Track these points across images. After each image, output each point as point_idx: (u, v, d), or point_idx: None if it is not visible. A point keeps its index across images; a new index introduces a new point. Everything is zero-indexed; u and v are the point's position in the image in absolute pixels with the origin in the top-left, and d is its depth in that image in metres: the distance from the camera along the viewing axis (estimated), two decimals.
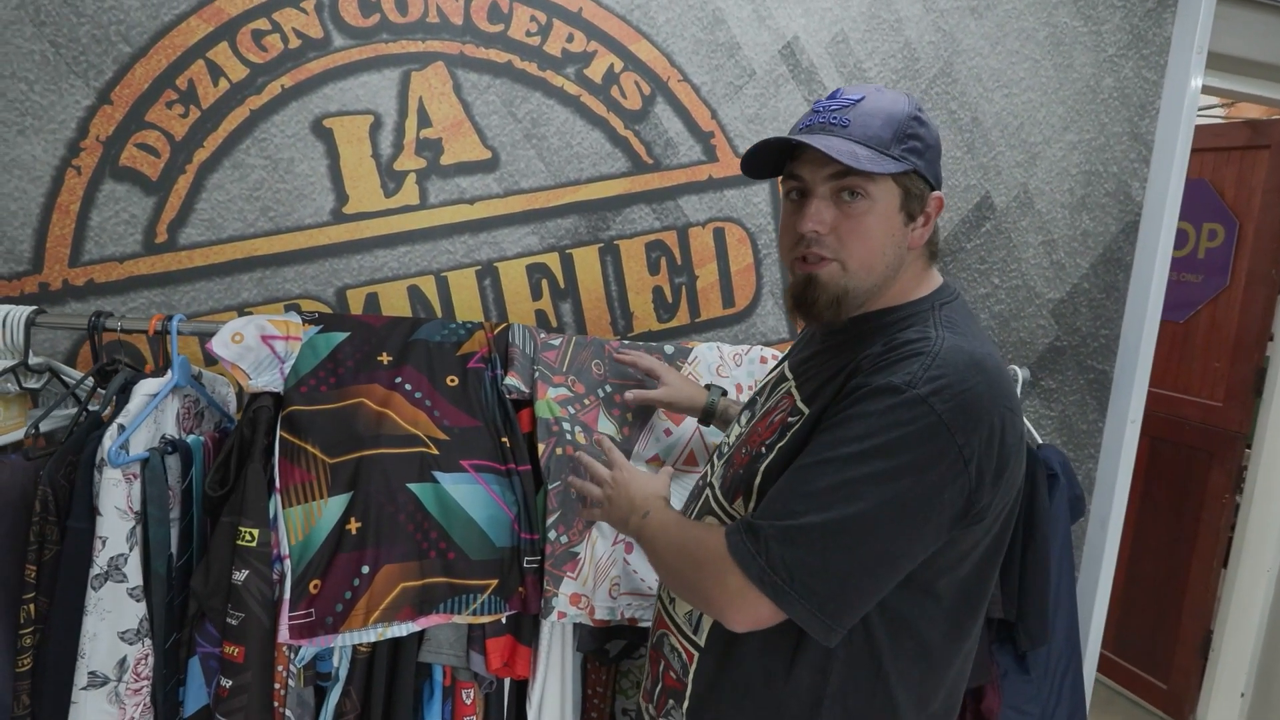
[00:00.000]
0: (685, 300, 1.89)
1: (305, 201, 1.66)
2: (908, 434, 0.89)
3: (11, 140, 1.52)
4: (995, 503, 0.95)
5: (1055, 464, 1.70)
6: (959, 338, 0.97)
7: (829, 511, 0.90)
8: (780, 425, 1.05)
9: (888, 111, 0.99)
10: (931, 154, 1.02)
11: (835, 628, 0.92)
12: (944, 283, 1.09)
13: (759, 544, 0.92)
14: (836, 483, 0.90)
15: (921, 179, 1.02)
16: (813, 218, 0.99)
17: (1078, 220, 2.09)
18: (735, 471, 1.09)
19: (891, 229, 1.00)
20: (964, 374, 0.91)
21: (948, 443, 0.89)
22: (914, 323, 1.01)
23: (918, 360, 0.93)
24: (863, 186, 0.98)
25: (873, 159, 0.96)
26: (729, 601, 0.94)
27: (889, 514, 0.90)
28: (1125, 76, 2.06)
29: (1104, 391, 2.20)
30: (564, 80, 1.74)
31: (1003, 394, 0.94)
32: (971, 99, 1.97)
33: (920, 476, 0.89)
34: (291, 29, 1.60)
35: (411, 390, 1.40)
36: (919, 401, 0.89)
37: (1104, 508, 2.22)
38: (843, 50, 1.88)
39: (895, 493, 0.89)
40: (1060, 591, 1.69)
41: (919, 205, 1.02)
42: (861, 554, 0.90)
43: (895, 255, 1.02)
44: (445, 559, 1.33)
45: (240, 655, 1.24)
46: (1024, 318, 2.10)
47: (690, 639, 1.09)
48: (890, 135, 0.98)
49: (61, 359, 1.57)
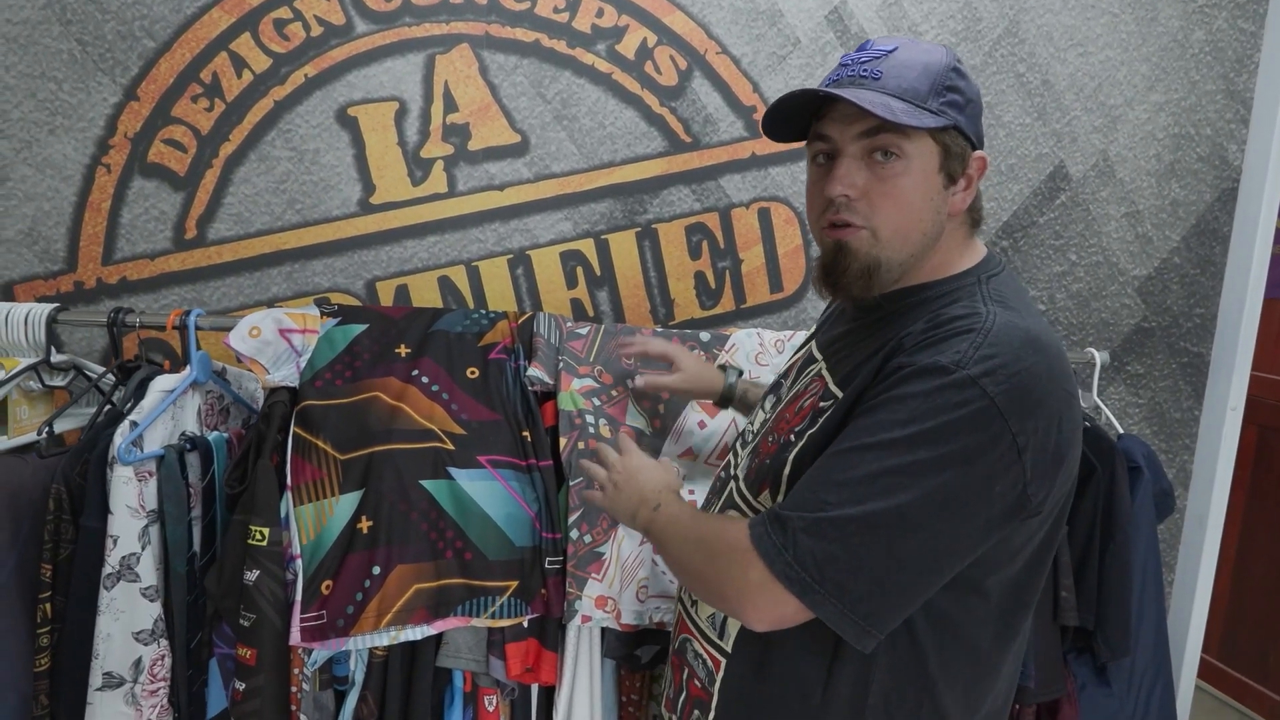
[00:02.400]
0: (729, 285, 1.79)
1: (332, 193, 1.62)
2: (957, 419, 0.78)
3: (43, 140, 1.53)
4: (1052, 495, 0.84)
5: (1138, 456, 1.54)
6: (1012, 313, 0.85)
7: (866, 504, 0.80)
8: (811, 410, 0.94)
9: (924, 62, 0.88)
10: (973, 109, 0.91)
11: (870, 630, 0.82)
12: (989, 253, 0.97)
13: (786, 536, 0.82)
14: (875, 471, 0.80)
15: (962, 136, 0.90)
16: (841, 180, 0.89)
17: (1166, 189, 1.90)
18: (761, 461, 0.99)
19: (930, 192, 0.89)
20: (1019, 353, 0.80)
21: (1001, 429, 0.78)
22: (959, 297, 0.90)
23: (967, 338, 0.82)
24: (897, 145, 0.87)
25: (909, 112, 0.85)
26: (749, 597, 0.85)
27: (933, 508, 0.79)
28: (1218, 29, 1.86)
29: (1200, 376, 2.00)
30: (594, 57, 1.66)
31: (1061, 375, 0.83)
32: (1041, 60, 1.81)
33: (969, 467, 0.79)
34: (313, 16, 1.57)
35: (428, 383, 1.35)
36: (969, 383, 0.78)
37: (1202, 503, 2.03)
38: (895, 13, 1.74)
39: (941, 484, 0.79)
40: (1145, 597, 1.53)
41: (960, 166, 0.91)
42: (901, 552, 0.80)
43: (934, 222, 0.91)
44: (462, 559, 1.27)
45: (253, 657, 1.20)
46: (1106, 296, 1.92)
47: (716, 644, 1.00)
48: (927, 87, 0.87)
49: (98, 357, 1.57)
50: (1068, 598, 1.46)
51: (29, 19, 1.49)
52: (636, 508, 1.04)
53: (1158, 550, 1.59)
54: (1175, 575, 2.07)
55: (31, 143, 1.52)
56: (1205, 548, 2.02)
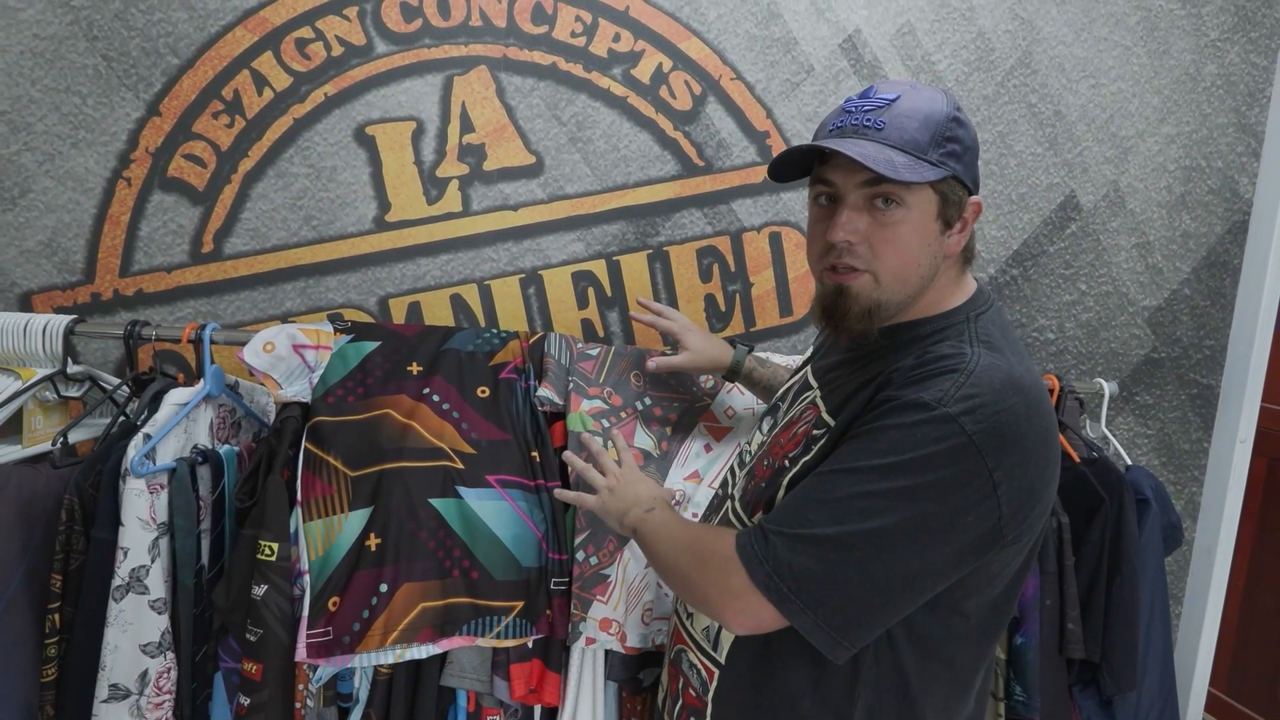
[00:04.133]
0: (740, 308, 1.80)
1: (348, 210, 1.64)
2: (934, 453, 0.82)
3: (66, 153, 1.55)
4: (1028, 529, 0.89)
5: (1146, 488, 1.54)
6: (995, 355, 0.89)
7: (844, 524, 0.84)
8: (805, 438, 0.99)
9: (925, 112, 0.92)
10: (970, 156, 0.95)
11: (842, 643, 0.87)
12: (978, 289, 1.01)
13: (767, 548, 0.88)
14: (854, 494, 0.85)
15: (960, 184, 0.94)
16: (844, 227, 0.92)
17: (1177, 220, 1.91)
18: (757, 484, 1.03)
19: (927, 238, 0.93)
20: (1000, 394, 0.84)
21: (977, 465, 0.82)
22: (948, 336, 0.94)
23: (950, 378, 0.86)
24: (898, 194, 0.91)
25: (910, 166, 0.89)
26: (729, 602, 0.90)
27: (906, 534, 0.84)
28: (1230, 62, 1.87)
29: (1209, 408, 2.00)
30: (610, 81, 1.68)
31: (1040, 415, 0.87)
32: (1054, 91, 1.82)
33: (944, 498, 0.83)
34: (334, 36, 1.59)
35: (439, 401, 1.35)
36: (949, 420, 0.82)
37: (1210, 536, 2.02)
38: (909, 42, 1.76)
39: (915, 512, 0.83)
40: (1152, 631, 1.52)
41: (956, 212, 0.95)
42: (874, 572, 0.85)
43: (930, 265, 0.95)
44: (469, 578, 1.27)
45: (258, 673, 1.20)
46: (1115, 326, 1.93)
47: (710, 656, 1.04)
48: (928, 139, 0.91)
49: (112, 368, 1.58)
50: (1074, 630, 1.45)
51: (56, 34, 1.51)
52: (628, 509, 1.10)
53: (1165, 583, 1.59)
54: (1183, 608, 2.06)
55: (55, 155, 1.54)
56: (1213, 580, 2.01)
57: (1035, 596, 1.43)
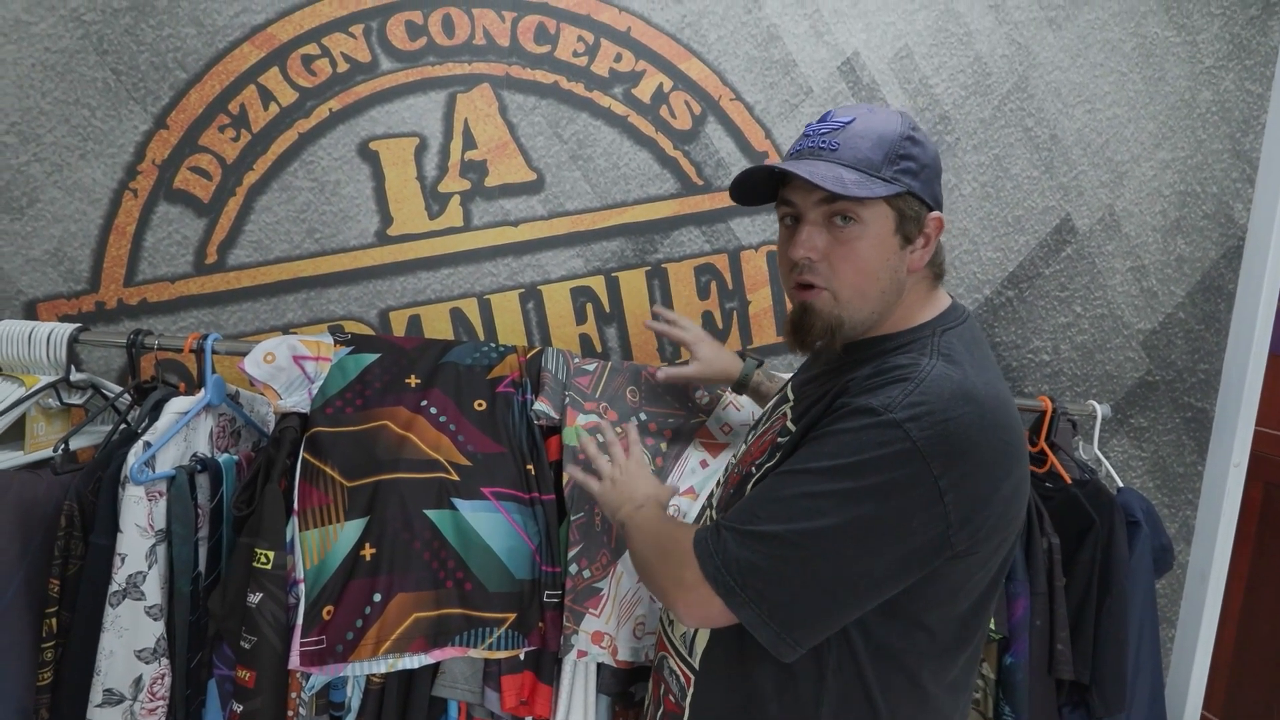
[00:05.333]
0: (736, 326, 1.81)
1: (350, 223, 1.66)
2: (878, 457, 0.85)
3: (74, 165, 1.57)
4: (988, 541, 0.90)
5: (1137, 510, 1.55)
6: (951, 366, 0.92)
7: (790, 523, 0.88)
8: (770, 445, 1.04)
9: (878, 133, 0.96)
10: (928, 173, 0.98)
11: (786, 639, 0.89)
12: (952, 304, 1.04)
13: (718, 542, 0.92)
14: (801, 494, 0.88)
15: (917, 200, 0.97)
16: (803, 244, 0.97)
17: (1171, 244, 1.92)
18: (726, 491, 1.08)
19: (886, 254, 0.97)
20: (948, 403, 0.86)
21: (920, 471, 0.84)
22: (910, 349, 0.97)
23: (900, 386, 0.89)
24: (854, 211, 0.95)
25: (860, 183, 0.93)
26: (681, 594, 0.94)
27: (849, 535, 0.86)
28: (1225, 89, 1.89)
29: (1204, 431, 2.01)
30: (611, 100, 1.70)
31: (997, 426, 0.88)
32: (1049, 115, 1.84)
33: (885, 501, 0.85)
34: (340, 53, 1.62)
35: (436, 414, 1.37)
36: (894, 425, 0.85)
37: (1204, 559, 2.02)
38: (907, 66, 1.78)
39: (858, 514, 0.86)
40: (1142, 653, 1.53)
41: (916, 227, 0.98)
42: (817, 571, 0.87)
43: (891, 280, 0.98)
44: (462, 589, 1.28)
45: (251, 680, 1.22)
46: (1110, 349, 1.94)
47: (687, 661, 1.07)
48: (881, 157, 0.95)
49: (115, 376, 1.60)
50: (1063, 651, 1.46)
51: (67, 48, 1.54)
52: (622, 504, 1.14)
53: (1155, 606, 1.59)
54: (1177, 631, 2.06)
55: (63, 166, 1.57)
56: (1207, 604, 2.01)
57: (1025, 617, 1.44)
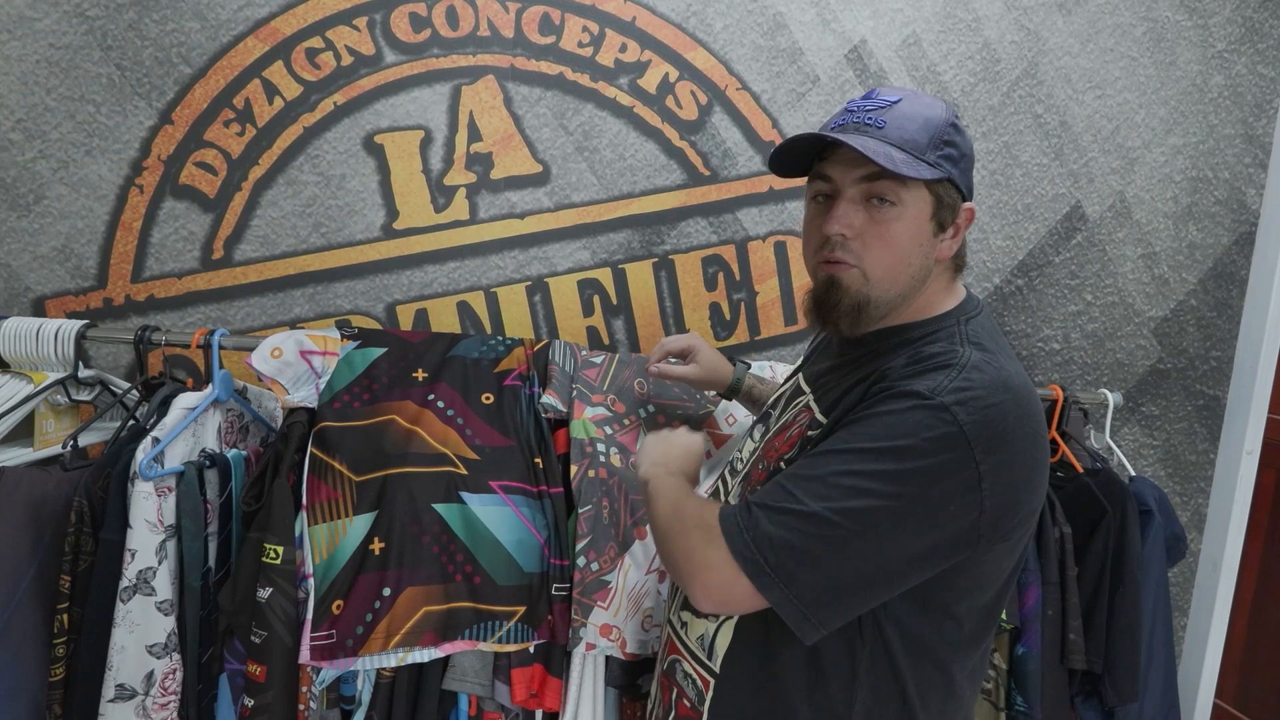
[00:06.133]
0: (744, 317, 1.81)
1: (356, 217, 1.66)
2: (925, 439, 0.83)
3: (80, 161, 1.57)
4: (1016, 527, 0.89)
5: (1150, 499, 1.54)
6: (986, 355, 0.91)
7: (828, 501, 0.85)
8: (799, 439, 1.00)
9: (925, 116, 0.94)
10: (966, 163, 0.97)
11: (813, 621, 0.86)
12: (968, 295, 1.03)
13: (749, 519, 0.88)
14: (841, 472, 0.86)
15: (955, 188, 0.96)
16: (839, 219, 0.95)
17: (1183, 231, 1.91)
18: (752, 488, 1.03)
19: (920, 239, 0.95)
20: (991, 390, 0.85)
21: (964, 455, 0.83)
22: (939, 338, 0.95)
23: (944, 372, 0.87)
24: (894, 192, 0.93)
25: (909, 163, 0.91)
26: (701, 572, 0.90)
27: (889, 516, 0.84)
28: (1238, 73, 1.87)
29: (1216, 419, 1.99)
30: (617, 91, 1.69)
31: (1029, 417, 0.87)
32: (1059, 101, 1.82)
33: (929, 485, 0.83)
34: (344, 46, 1.61)
35: (444, 408, 1.37)
36: (942, 409, 0.84)
37: (1216, 548, 2.01)
38: (915, 53, 1.77)
39: (899, 495, 0.84)
40: (1155, 642, 1.52)
41: (950, 215, 0.96)
42: (852, 551, 0.85)
43: (921, 266, 0.96)
44: (471, 583, 1.28)
45: (263, 674, 1.22)
46: (1121, 337, 1.92)
47: (705, 665, 1.03)
48: (927, 140, 0.93)
49: (123, 373, 1.61)
50: (1076, 640, 1.45)
51: (71, 44, 1.54)
52: (654, 463, 1.08)
53: (1168, 595, 1.59)
54: (1189, 620, 2.06)
55: (69, 163, 1.57)
56: (1219, 592, 2.01)
57: (1037, 607, 1.43)
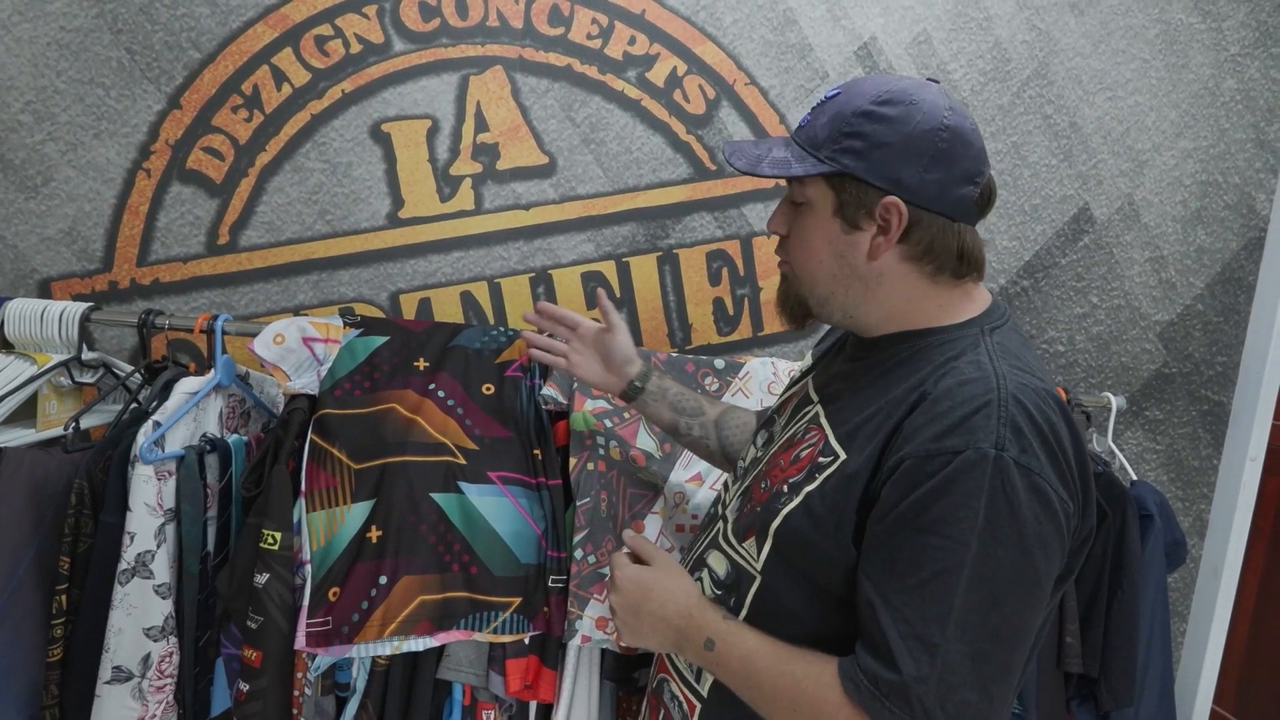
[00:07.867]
0: (747, 313, 1.80)
1: (362, 205, 1.66)
2: (1022, 509, 0.77)
3: (88, 144, 1.58)
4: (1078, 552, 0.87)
5: (1150, 503, 1.53)
6: (1024, 375, 0.83)
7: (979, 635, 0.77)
8: (809, 464, 0.90)
9: (838, 109, 0.89)
10: (882, 153, 0.87)
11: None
12: (994, 303, 0.95)
13: (912, 709, 0.77)
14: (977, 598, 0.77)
15: (860, 182, 0.88)
16: (771, 220, 0.99)
17: (1191, 235, 1.90)
18: (752, 508, 0.96)
19: (828, 237, 0.91)
20: (1041, 417, 0.80)
21: (1051, 499, 0.78)
22: (962, 349, 0.87)
23: (983, 414, 0.79)
24: (800, 192, 0.93)
25: (779, 163, 0.90)
26: None
27: (1031, 605, 0.79)
28: (1250, 78, 1.85)
29: (1220, 425, 1.99)
30: (625, 84, 1.69)
31: (1073, 426, 0.83)
32: (1069, 102, 1.81)
33: (1047, 550, 0.79)
34: (353, 34, 1.61)
35: (444, 397, 1.37)
36: (1016, 466, 0.77)
37: (1218, 554, 2.00)
38: (925, 51, 1.76)
39: (1033, 579, 0.78)
40: (1152, 647, 1.51)
41: (858, 211, 0.89)
42: (1014, 660, 0.79)
43: (839, 266, 0.91)
44: (467, 573, 1.28)
45: (258, 660, 1.22)
46: (1127, 341, 1.92)
47: (693, 688, 0.98)
48: (826, 135, 0.89)
49: (126, 356, 1.61)
50: (1072, 644, 1.45)
51: (81, 27, 1.54)
52: (680, 643, 0.96)
53: (1166, 600, 1.58)
54: (1188, 626, 2.05)
55: (77, 145, 1.57)
56: (1219, 599, 2.00)
57: None
